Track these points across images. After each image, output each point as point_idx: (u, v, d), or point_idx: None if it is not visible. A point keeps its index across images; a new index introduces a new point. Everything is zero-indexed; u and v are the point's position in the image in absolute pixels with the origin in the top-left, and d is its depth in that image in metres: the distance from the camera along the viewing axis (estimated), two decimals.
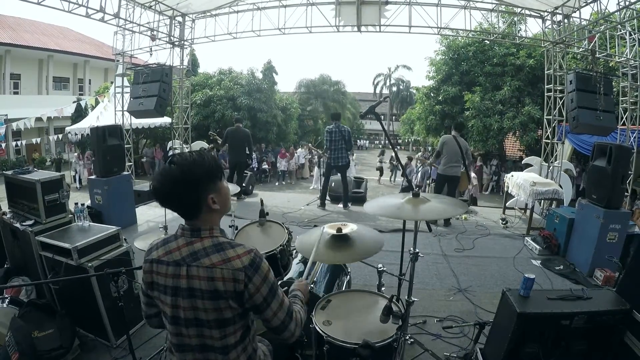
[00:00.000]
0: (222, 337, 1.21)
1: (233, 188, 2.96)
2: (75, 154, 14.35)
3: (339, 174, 6.66)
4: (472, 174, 10.81)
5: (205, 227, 1.22)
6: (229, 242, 1.22)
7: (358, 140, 34.58)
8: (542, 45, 7.18)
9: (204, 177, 1.19)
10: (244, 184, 8.09)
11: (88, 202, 5.52)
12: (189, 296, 1.17)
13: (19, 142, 14.69)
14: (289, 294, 1.49)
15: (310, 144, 14.66)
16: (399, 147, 32.05)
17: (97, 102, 13.49)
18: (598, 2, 5.44)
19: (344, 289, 2.45)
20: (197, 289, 1.15)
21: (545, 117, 7.11)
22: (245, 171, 8.65)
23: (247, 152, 7.14)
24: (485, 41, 12.57)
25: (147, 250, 1.29)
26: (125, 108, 7.69)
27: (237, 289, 1.15)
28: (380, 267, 2.55)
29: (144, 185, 7.96)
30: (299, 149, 16.85)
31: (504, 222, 5.93)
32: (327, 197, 7.13)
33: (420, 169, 12.37)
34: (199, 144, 10.21)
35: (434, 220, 5.30)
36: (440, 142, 5.82)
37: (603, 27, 6.30)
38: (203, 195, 1.19)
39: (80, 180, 13.25)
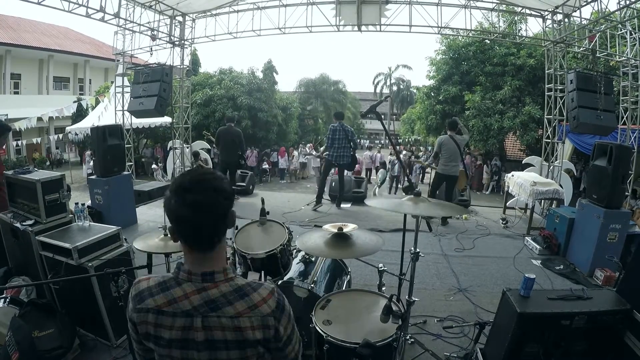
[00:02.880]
0: None
1: None
2: (89, 152, 14.32)
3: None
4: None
5: (219, 270, 1.05)
6: (248, 283, 1.08)
7: (360, 140, 34.54)
8: (543, 44, 7.18)
9: (229, 199, 1.06)
10: (243, 184, 8.09)
11: (88, 202, 5.53)
12: (208, 348, 1.04)
13: (19, 142, 14.70)
14: None
15: (312, 144, 14.65)
16: (398, 146, 32.01)
17: (97, 102, 13.49)
18: (598, 1, 5.43)
19: (344, 288, 2.45)
20: (221, 340, 1.03)
21: (545, 116, 7.10)
22: (245, 171, 8.66)
23: (240, 153, 7.04)
24: (486, 41, 12.55)
25: (135, 296, 1.08)
26: (125, 108, 7.69)
27: (267, 335, 1.06)
28: (381, 267, 2.55)
29: (144, 185, 7.97)
30: (300, 148, 16.84)
31: (504, 222, 5.93)
32: (327, 197, 7.13)
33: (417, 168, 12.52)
34: (199, 144, 10.22)
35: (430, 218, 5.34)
36: (437, 142, 5.82)
37: (603, 26, 6.30)
38: (226, 229, 1.08)
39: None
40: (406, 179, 9.54)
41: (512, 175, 6.25)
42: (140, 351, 1.16)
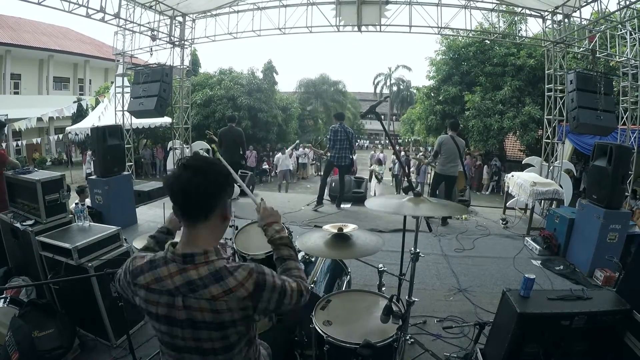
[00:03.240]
0: (226, 352, 1.16)
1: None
2: (89, 152, 14.32)
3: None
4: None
5: (200, 252, 1.10)
6: (226, 267, 1.10)
7: (359, 140, 34.54)
8: (543, 45, 7.18)
9: (224, 186, 1.14)
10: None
11: (88, 202, 5.52)
12: (190, 327, 1.09)
13: (19, 142, 14.70)
14: (272, 238, 1.42)
15: (311, 144, 14.63)
16: (398, 147, 32.02)
17: (97, 102, 13.50)
18: (598, 1, 5.44)
19: (344, 289, 2.45)
20: (201, 321, 1.08)
21: (545, 117, 7.10)
22: (245, 171, 8.66)
23: (241, 152, 7.06)
24: (486, 41, 12.56)
25: (130, 271, 1.16)
26: (125, 108, 7.69)
27: (247, 314, 1.10)
28: (381, 267, 2.55)
29: (144, 185, 7.96)
30: (300, 149, 16.83)
31: (504, 222, 5.93)
32: (327, 197, 7.12)
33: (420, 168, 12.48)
34: (199, 144, 10.21)
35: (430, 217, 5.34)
36: (438, 142, 5.82)
37: (603, 26, 6.30)
38: (218, 204, 1.13)
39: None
40: (405, 179, 9.52)
41: (512, 176, 6.25)
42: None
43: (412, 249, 2.21)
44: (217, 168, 1.14)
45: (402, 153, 14.51)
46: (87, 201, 5.66)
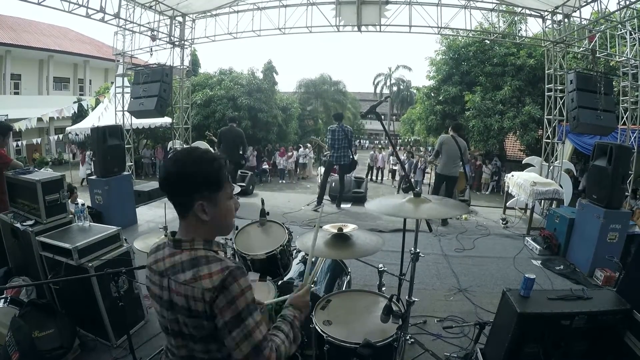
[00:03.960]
0: (205, 352, 1.14)
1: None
2: (89, 152, 14.31)
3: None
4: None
5: (187, 239, 1.14)
6: (206, 256, 1.10)
7: (360, 140, 34.54)
8: (543, 44, 7.18)
9: (198, 177, 1.09)
10: (243, 184, 8.09)
11: (88, 202, 5.52)
12: (171, 309, 1.13)
13: (19, 143, 14.70)
14: (280, 312, 1.33)
15: (315, 138, 14.56)
16: (398, 147, 32.03)
17: (97, 103, 13.49)
18: (598, 1, 5.44)
19: (344, 289, 2.45)
20: (177, 303, 1.10)
21: (545, 116, 7.10)
22: (245, 171, 8.66)
23: (241, 152, 7.15)
24: (486, 41, 12.56)
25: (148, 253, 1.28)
26: (125, 108, 7.70)
27: (205, 309, 1.05)
28: (381, 267, 2.55)
29: (144, 186, 7.96)
30: (300, 149, 16.84)
31: (504, 222, 5.93)
32: (328, 197, 7.13)
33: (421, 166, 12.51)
34: (200, 144, 10.21)
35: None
36: (438, 141, 5.81)
37: (603, 26, 6.31)
38: (193, 195, 1.10)
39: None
40: (405, 179, 9.53)
41: (512, 176, 6.25)
42: None
43: (412, 249, 2.21)
44: (196, 157, 1.11)
45: (410, 156, 14.50)
46: (79, 201, 5.64)
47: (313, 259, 1.54)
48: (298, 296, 1.38)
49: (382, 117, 2.54)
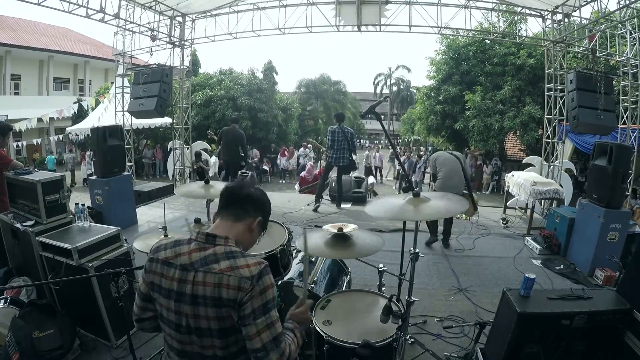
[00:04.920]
0: (224, 347, 1.18)
1: None
2: (89, 152, 14.30)
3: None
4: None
5: (222, 235, 1.22)
6: (241, 252, 1.21)
7: (360, 140, 34.51)
8: (543, 44, 7.17)
9: (267, 206, 1.37)
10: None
11: (88, 203, 5.52)
12: (192, 303, 1.14)
13: (19, 143, 14.70)
14: (286, 320, 1.37)
15: (312, 140, 14.56)
16: (399, 147, 32.02)
17: (97, 103, 13.49)
18: (598, 1, 5.43)
19: (344, 289, 2.45)
20: (201, 295, 1.13)
21: (545, 116, 7.10)
22: (246, 171, 8.66)
23: (242, 154, 7.13)
24: (486, 41, 12.55)
25: (153, 249, 1.26)
26: (125, 108, 7.70)
27: (239, 297, 1.12)
28: (381, 267, 2.55)
29: (144, 186, 7.97)
30: (301, 149, 16.83)
31: (504, 222, 5.92)
32: (327, 197, 7.13)
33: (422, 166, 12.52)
34: (200, 144, 10.22)
35: (433, 239, 4.89)
36: (432, 160, 4.99)
37: (603, 26, 6.30)
38: (258, 213, 1.32)
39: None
40: (405, 179, 9.53)
41: (513, 175, 6.25)
42: (138, 309, 1.31)
43: (412, 248, 2.21)
44: (264, 197, 1.37)
45: (412, 155, 14.48)
46: (87, 202, 5.66)
47: (306, 260, 1.57)
48: (299, 312, 1.40)
49: (382, 117, 2.54)
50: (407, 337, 2.45)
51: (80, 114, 14.24)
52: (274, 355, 1.13)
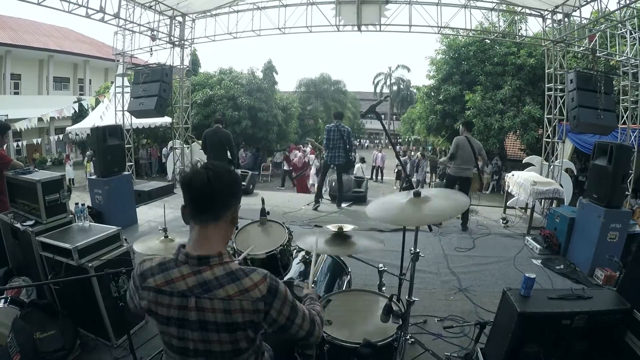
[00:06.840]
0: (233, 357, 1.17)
1: None
2: (89, 152, 14.28)
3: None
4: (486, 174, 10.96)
5: (214, 254, 1.12)
6: (241, 268, 1.14)
7: (360, 140, 34.55)
8: (543, 44, 7.18)
9: (236, 188, 1.21)
10: (244, 184, 8.09)
11: (88, 202, 5.52)
12: (201, 329, 1.10)
13: (19, 143, 14.70)
14: (303, 299, 1.51)
15: (311, 140, 14.56)
16: (398, 146, 32.04)
17: (97, 103, 13.49)
18: (598, 0, 5.43)
19: (344, 288, 2.45)
20: (212, 322, 1.08)
21: (545, 116, 7.10)
22: (246, 170, 8.65)
23: (230, 157, 6.26)
24: (486, 40, 12.54)
25: (138, 274, 1.17)
26: (125, 108, 7.70)
27: (257, 319, 1.11)
28: (381, 267, 2.55)
29: (144, 185, 7.96)
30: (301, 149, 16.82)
31: (504, 222, 5.92)
32: (328, 197, 7.13)
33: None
34: (200, 144, 10.21)
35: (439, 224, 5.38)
36: (454, 144, 5.58)
37: (603, 25, 6.30)
38: (232, 206, 1.19)
39: None
40: (405, 179, 9.52)
41: (513, 175, 6.25)
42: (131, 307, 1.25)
43: (412, 248, 2.21)
44: (235, 175, 1.21)
45: (416, 154, 14.50)
46: (87, 202, 5.66)
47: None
48: (312, 289, 1.61)
49: (382, 116, 2.53)
50: (408, 337, 2.45)
51: (81, 114, 14.24)
52: (316, 331, 1.27)
